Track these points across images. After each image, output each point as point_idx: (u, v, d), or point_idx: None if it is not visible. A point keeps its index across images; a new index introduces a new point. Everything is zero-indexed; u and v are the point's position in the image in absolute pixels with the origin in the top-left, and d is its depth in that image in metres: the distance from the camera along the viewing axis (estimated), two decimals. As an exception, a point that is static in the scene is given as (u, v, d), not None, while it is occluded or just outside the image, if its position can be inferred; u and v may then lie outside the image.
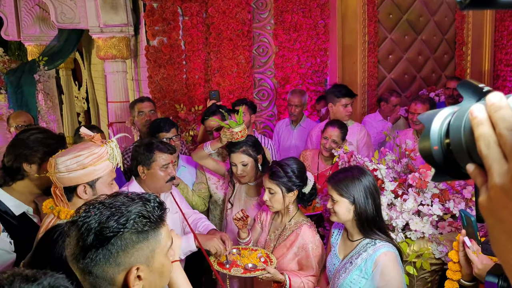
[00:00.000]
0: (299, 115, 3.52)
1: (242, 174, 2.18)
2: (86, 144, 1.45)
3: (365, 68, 4.09)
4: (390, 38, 4.17)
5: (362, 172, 1.62)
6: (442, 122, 0.51)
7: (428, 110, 2.65)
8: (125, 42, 4.18)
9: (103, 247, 0.83)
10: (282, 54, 4.07)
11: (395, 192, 1.94)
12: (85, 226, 0.84)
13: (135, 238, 0.86)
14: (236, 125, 2.17)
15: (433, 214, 1.74)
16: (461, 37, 4.32)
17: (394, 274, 1.50)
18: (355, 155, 2.21)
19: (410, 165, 2.00)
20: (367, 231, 1.58)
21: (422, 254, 1.84)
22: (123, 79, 4.32)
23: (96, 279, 0.85)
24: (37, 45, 5.37)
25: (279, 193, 1.86)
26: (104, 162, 1.43)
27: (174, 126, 2.61)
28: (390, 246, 1.55)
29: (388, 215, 1.83)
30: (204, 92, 3.85)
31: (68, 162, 1.38)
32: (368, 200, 1.56)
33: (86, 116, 8.37)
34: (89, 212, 0.87)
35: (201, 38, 3.78)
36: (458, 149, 0.48)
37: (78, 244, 0.85)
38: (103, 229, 0.84)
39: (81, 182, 1.41)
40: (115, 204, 0.88)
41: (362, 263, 1.55)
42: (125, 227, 0.85)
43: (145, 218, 0.88)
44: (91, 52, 6.98)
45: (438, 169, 0.52)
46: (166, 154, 1.98)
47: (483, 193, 0.45)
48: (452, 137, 0.49)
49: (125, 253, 0.85)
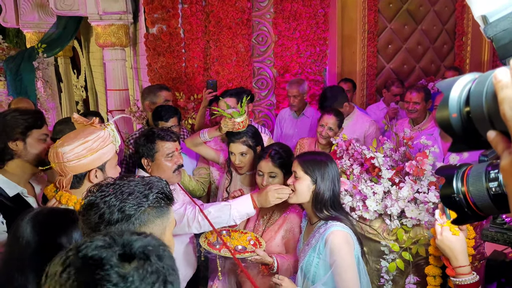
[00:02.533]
0: (300, 105, 3.51)
1: (240, 165, 2.18)
2: (89, 130, 1.46)
3: (364, 58, 4.09)
4: (389, 28, 4.16)
5: (330, 159, 1.71)
6: (462, 89, 0.49)
7: (423, 98, 2.66)
8: (124, 30, 4.16)
9: (127, 221, 0.87)
10: (281, 43, 4.06)
11: (392, 180, 1.97)
12: (107, 203, 0.88)
13: (154, 213, 0.91)
14: (239, 115, 2.15)
15: (429, 202, 1.77)
16: (461, 27, 4.31)
17: (342, 253, 1.54)
18: (353, 143, 2.23)
19: (408, 153, 2.03)
20: (319, 211, 1.64)
21: (418, 241, 1.87)
22: (122, 67, 4.31)
23: None
24: (36, 32, 5.33)
25: (280, 176, 1.89)
26: (110, 145, 1.46)
27: (176, 115, 2.55)
28: (341, 226, 1.59)
29: (379, 204, 1.86)
30: (203, 80, 3.85)
31: (77, 150, 1.39)
32: (329, 185, 1.64)
33: (84, 105, 8.35)
34: (105, 192, 0.90)
35: (201, 26, 3.76)
36: (478, 116, 0.46)
37: (100, 221, 0.87)
38: (126, 204, 0.88)
39: (93, 167, 1.42)
40: (130, 184, 0.92)
41: (315, 243, 1.61)
42: (147, 202, 0.89)
43: (163, 194, 0.93)
44: (89, 40, 6.93)
45: (455, 139, 0.50)
46: (169, 142, 1.89)
47: (505, 157, 0.44)
48: (472, 103, 0.47)
49: (146, 228, 0.89)
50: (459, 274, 1.30)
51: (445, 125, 0.50)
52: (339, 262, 1.54)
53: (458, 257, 1.30)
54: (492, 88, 0.44)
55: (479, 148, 0.50)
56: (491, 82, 0.45)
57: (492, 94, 0.44)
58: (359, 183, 1.93)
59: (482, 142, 0.48)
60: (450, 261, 1.33)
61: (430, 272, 1.59)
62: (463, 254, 1.30)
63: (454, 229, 1.32)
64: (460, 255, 1.30)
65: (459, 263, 1.30)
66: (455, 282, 1.32)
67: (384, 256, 1.85)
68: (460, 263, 1.30)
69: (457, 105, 0.49)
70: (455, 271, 1.32)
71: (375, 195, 1.86)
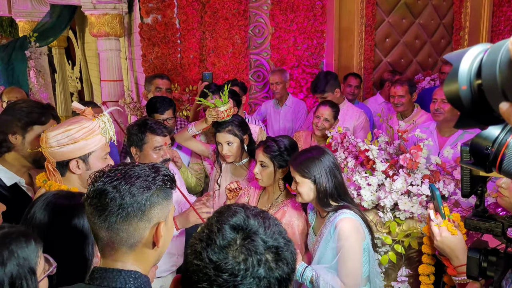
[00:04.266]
0: (282, 92, 3.52)
1: (227, 154, 2.18)
2: (77, 118, 1.44)
3: (362, 51, 4.06)
4: (387, 21, 4.12)
5: (321, 152, 1.69)
6: (473, 60, 0.46)
7: (408, 91, 2.65)
8: (118, 19, 4.10)
9: (139, 204, 0.88)
10: (278, 35, 4.02)
11: (387, 173, 1.95)
12: (116, 188, 0.88)
13: (162, 195, 0.92)
14: (222, 104, 2.15)
15: (422, 194, 1.76)
16: (459, 22, 4.29)
17: (349, 238, 1.55)
18: (348, 136, 2.22)
19: (402, 146, 2.01)
20: (326, 205, 1.65)
21: (410, 234, 1.87)
22: (116, 58, 4.25)
23: (127, 235, 0.89)
24: (29, 21, 5.25)
25: (271, 167, 1.89)
26: (96, 136, 1.42)
27: (171, 107, 2.53)
28: (350, 213, 1.61)
29: (374, 195, 1.85)
30: (198, 72, 3.81)
31: (59, 137, 1.37)
32: (329, 178, 1.64)
33: (80, 96, 8.28)
34: (111, 177, 0.90)
35: (196, 17, 3.71)
36: (491, 87, 0.43)
37: (112, 206, 0.87)
38: (136, 187, 0.88)
39: (73, 156, 1.40)
40: (135, 168, 0.93)
41: (326, 232, 1.63)
42: (155, 185, 0.91)
43: (168, 176, 0.95)
44: (84, 30, 6.85)
45: (464, 113, 0.47)
46: (159, 136, 1.92)
47: None
48: (484, 75, 0.44)
49: (155, 209, 0.91)
50: (461, 272, 1.29)
51: (454, 99, 0.48)
52: (345, 248, 1.55)
53: (459, 256, 1.29)
54: (507, 56, 0.41)
55: (488, 123, 0.48)
56: (506, 50, 0.42)
57: (507, 62, 0.41)
58: (354, 175, 1.92)
59: (492, 116, 0.46)
60: (451, 260, 1.32)
61: (424, 271, 1.58)
62: (463, 252, 1.28)
63: (452, 229, 1.30)
64: (461, 253, 1.28)
65: (460, 262, 1.29)
66: (457, 281, 1.30)
67: (376, 249, 1.85)
68: (461, 262, 1.28)
69: (467, 77, 0.46)
70: (457, 270, 1.30)
71: (369, 187, 1.85)
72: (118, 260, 0.90)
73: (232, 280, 0.65)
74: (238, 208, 0.74)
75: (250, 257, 0.67)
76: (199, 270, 0.68)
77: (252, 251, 0.67)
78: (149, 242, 0.91)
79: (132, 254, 0.90)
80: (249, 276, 0.66)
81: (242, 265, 0.66)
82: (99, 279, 0.88)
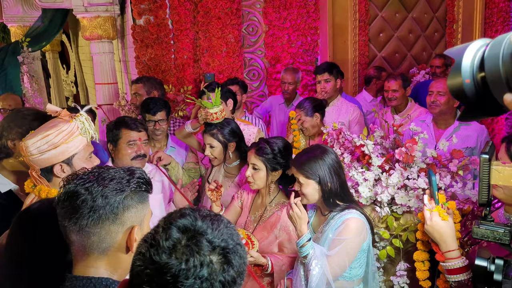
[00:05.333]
0: (293, 93, 3.50)
1: (210, 156, 2.17)
2: (53, 122, 1.38)
3: (356, 47, 4.06)
4: (381, 16, 4.12)
5: (324, 151, 1.65)
6: (474, 54, 0.48)
7: (401, 85, 2.65)
8: (111, 22, 4.07)
9: (111, 206, 0.86)
10: (272, 33, 4.01)
11: (383, 168, 1.95)
12: (88, 190, 0.86)
13: (136, 198, 0.90)
14: (212, 106, 2.13)
15: (418, 188, 1.75)
16: (452, 14, 4.29)
17: (351, 238, 1.54)
18: (344, 132, 2.21)
19: (398, 140, 2.01)
20: (333, 205, 1.62)
21: (408, 228, 1.86)
22: (110, 60, 4.23)
23: (99, 239, 0.87)
24: (21, 26, 5.21)
25: (263, 170, 1.84)
26: (77, 138, 1.37)
27: (164, 109, 2.50)
28: (357, 213, 1.60)
29: (371, 191, 1.84)
30: (193, 72, 3.80)
31: (38, 144, 1.33)
32: (333, 178, 1.60)
33: (75, 100, 8.25)
34: (84, 179, 0.88)
35: (189, 17, 3.69)
36: (495, 80, 0.45)
37: (83, 209, 0.85)
38: (109, 189, 0.87)
39: (56, 161, 1.36)
40: (109, 171, 0.91)
41: (329, 230, 1.60)
42: (129, 187, 0.89)
43: (144, 179, 0.93)
44: (78, 34, 6.82)
45: (469, 105, 0.49)
46: (133, 131, 1.96)
47: None
48: (488, 67, 0.46)
49: (129, 212, 0.89)
50: (449, 258, 1.30)
51: (458, 92, 0.49)
52: (347, 242, 1.54)
53: (447, 241, 1.30)
54: (509, 48, 0.43)
55: (492, 114, 0.49)
56: (508, 43, 0.43)
57: (509, 55, 0.43)
58: (350, 171, 1.91)
59: (496, 108, 0.47)
60: (439, 246, 1.32)
61: (419, 258, 1.58)
62: (452, 238, 1.30)
63: (443, 214, 1.31)
64: (449, 239, 1.29)
65: (448, 248, 1.30)
66: (445, 267, 1.31)
67: (375, 244, 1.84)
68: (449, 248, 1.30)
69: (470, 70, 0.48)
70: (445, 255, 1.31)
71: (366, 182, 1.84)
72: (90, 266, 0.87)
73: (173, 282, 0.64)
74: (188, 210, 0.73)
75: (192, 258, 0.65)
76: (141, 271, 0.67)
77: (195, 251, 0.66)
78: (122, 246, 0.89)
79: (105, 259, 0.88)
80: (191, 276, 0.64)
81: (183, 265, 0.65)
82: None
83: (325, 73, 3.07)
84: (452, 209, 1.40)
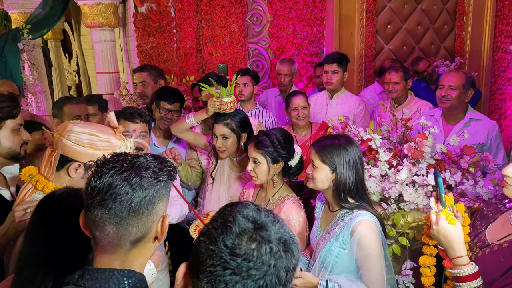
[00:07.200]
0: (289, 85, 3.44)
1: (221, 148, 2.09)
2: (107, 129, 1.39)
3: (363, 39, 3.96)
4: (389, 7, 4.01)
5: (349, 142, 1.54)
6: None
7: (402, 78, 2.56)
8: (112, 9, 3.99)
9: (150, 196, 0.85)
10: (277, 23, 3.92)
11: (390, 163, 1.88)
12: (126, 180, 0.84)
13: (166, 188, 0.89)
14: (227, 95, 2.06)
15: (428, 185, 1.69)
16: (462, 7, 4.17)
17: (371, 244, 1.45)
18: (350, 125, 2.14)
19: (406, 134, 1.94)
20: (343, 201, 1.52)
21: (415, 226, 1.80)
22: (111, 49, 4.16)
23: (137, 230, 0.85)
24: (22, 13, 5.14)
25: (264, 164, 1.78)
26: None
27: (180, 101, 2.49)
28: (368, 214, 1.49)
29: (379, 187, 1.77)
30: (195, 62, 3.72)
31: (82, 135, 1.33)
32: (351, 171, 1.50)
33: (77, 90, 8.18)
34: (118, 168, 0.84)
35: (192, 5, 3.61)
36: None
37: (122, 197, 0.83)
38: (145, 180, 0.85)
39: (80, 159, 1.34)
40: (139, 159, 0.89)
41: (339, 232, 1.50)
42: (162, 177, 0.88)
43: (172, 167, 0.92)
44: (80, 22, 6.72)
45: None
46: (127, 121, 1.93)
47: None
48: None
49: (162, 201, 0.88)
50: (457, 265, 1.21)
51: None
52: (370, 253, 1.45)
53: (455, 247, 1.20)
54: None
55: None
56: None
57: None
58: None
59: None
60: (447, 251, 1.24)
61: (425, 263, 1.50)
62: (461, 244, 1.20)
63: (450, 218, 1.22)
64: (458, 245, 1.20)
65: (456, 254, 1.21)
66: (454, 274, 1.23)
67: (380, 242, 1.78)
68: (457, 254, 1.20)
69: None
70: (453, 262, 1.23)
71: (371, 178, 1.78)
72: (116, 259, 0.85)
73: (245, 265, 0.69)
74: (248, 202, 0.79)
75: (263, 245, 0.71)
76: (214, 255, 0.71)
77: (265, 239, 0.72)
78: (152, 236, 0.89)
79: (134, 250, 0.87)
80: (261, 262, 0.70)
81: (255, 252, 0.70)
82: (90, 281, 0.83)
83: (334, 64, 2.98)
84: (460, 212, 1.32)
